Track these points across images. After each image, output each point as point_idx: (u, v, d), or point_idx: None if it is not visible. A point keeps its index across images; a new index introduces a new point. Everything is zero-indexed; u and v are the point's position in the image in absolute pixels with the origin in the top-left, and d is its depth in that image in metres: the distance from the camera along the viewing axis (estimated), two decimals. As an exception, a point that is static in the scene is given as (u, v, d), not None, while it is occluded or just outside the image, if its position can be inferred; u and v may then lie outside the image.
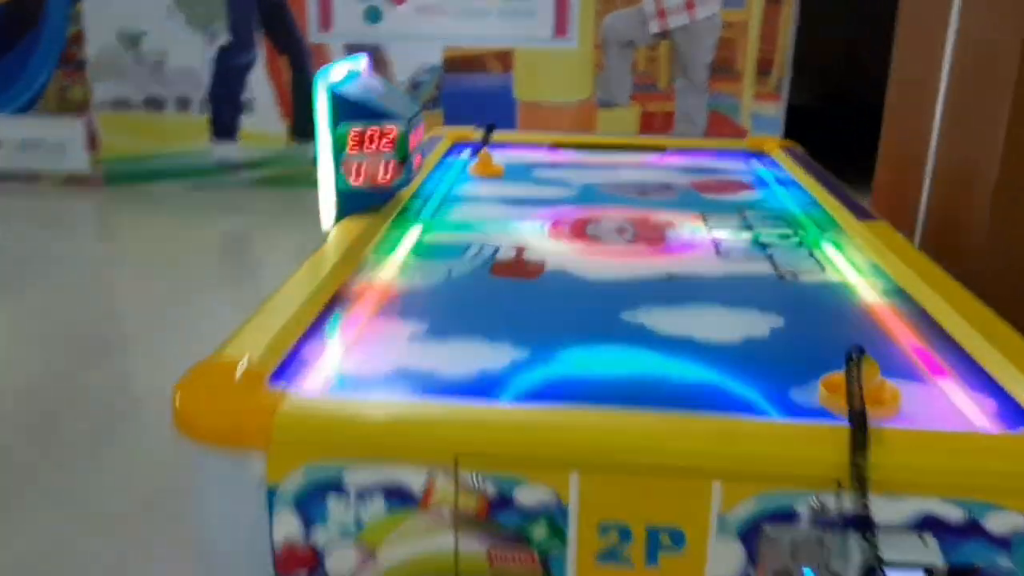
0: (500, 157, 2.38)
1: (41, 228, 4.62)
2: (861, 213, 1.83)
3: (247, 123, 5.10)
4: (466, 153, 2.56)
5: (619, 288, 1.50)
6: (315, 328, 1.28)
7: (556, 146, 2.69)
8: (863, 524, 0.90)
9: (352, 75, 1.85)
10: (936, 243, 2.08)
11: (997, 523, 0.92)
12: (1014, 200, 1.81)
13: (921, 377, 1.17)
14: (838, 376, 1.09)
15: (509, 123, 4.99)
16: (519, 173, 2.35)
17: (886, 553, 0.89)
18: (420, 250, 1.67)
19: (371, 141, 1.73)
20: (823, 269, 1.59)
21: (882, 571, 0.89)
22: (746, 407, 1.07)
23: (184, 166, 5.16)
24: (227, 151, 5.14)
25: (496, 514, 0.98)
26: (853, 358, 1.03)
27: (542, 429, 0.96)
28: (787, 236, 1.79)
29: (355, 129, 1.71)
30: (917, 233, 2.23)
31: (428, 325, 1.32)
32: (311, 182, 1.96)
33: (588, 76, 5.15)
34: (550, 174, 2.35)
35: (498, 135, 2.65)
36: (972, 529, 0.92)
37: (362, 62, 1.97)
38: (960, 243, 1.65)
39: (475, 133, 2.66)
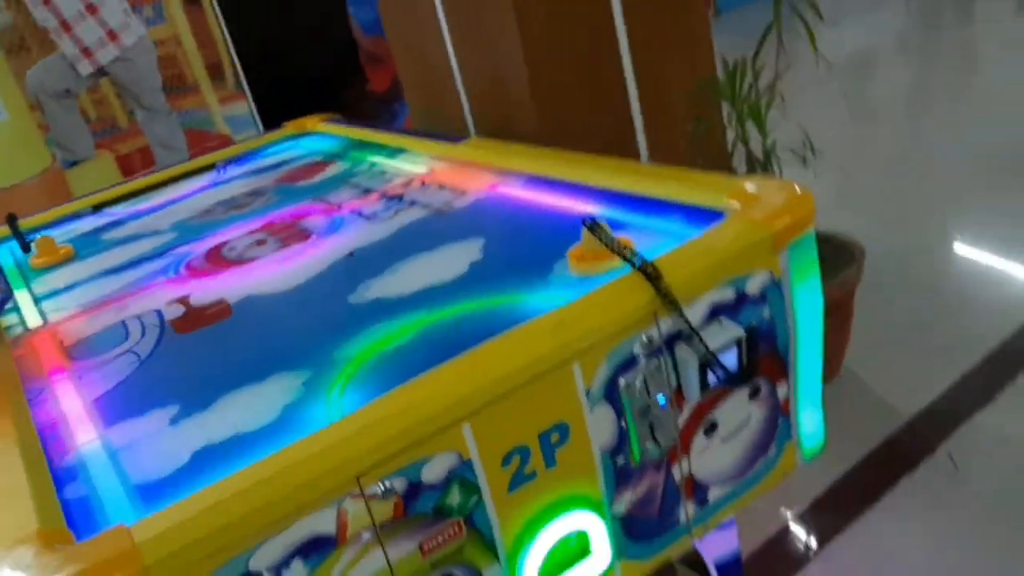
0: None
1: None
2: (449, 139, 2.02)
3: None
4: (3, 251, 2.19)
5: (323, 283, 1.47)
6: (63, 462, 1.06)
7: (99, 208, 2.42)
8: (689, 334, 1.08)
9: None
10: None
11: (752, 286, 1.16)
12: (544, 95, 2.14)
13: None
14: (579, 248, 1.24)
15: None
16: (89, 245, 2.09)
17: (709, 346, 1.09)
18: (80, 354, 1.43)
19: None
20: (463, 193, 1.73)
21: (717, 360, 1.08)
22: (543, 303, 1.16)
23: None
24: None
25: (411, 506, 0.96)
26: (594, 226, 1.18)
27: (426, 401, 0.95)
28: (408, 183, 1.90)
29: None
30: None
31: (178, 403, 1.17)
32: None
33: (39, 142, 4.58)
34: (125, 231, 2.13)
35: (21, 222, 2.30)
36: (741, 299, 1.15)
37: None
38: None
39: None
